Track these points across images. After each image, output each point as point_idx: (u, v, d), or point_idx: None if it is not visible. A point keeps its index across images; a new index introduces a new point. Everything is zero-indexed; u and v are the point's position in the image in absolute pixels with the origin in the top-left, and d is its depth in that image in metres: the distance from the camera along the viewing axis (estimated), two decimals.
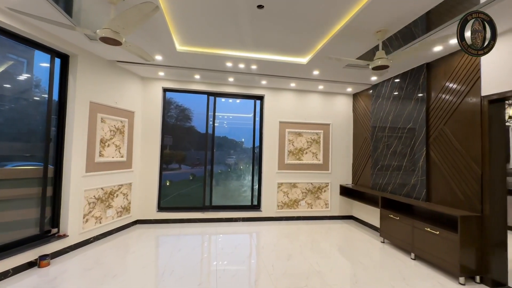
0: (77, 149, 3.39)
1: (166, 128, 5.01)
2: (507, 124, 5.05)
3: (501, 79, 2.62)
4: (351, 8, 2.44)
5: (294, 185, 5.10)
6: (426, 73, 3.52)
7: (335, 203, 5.25)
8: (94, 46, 3.37)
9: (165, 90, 4.89)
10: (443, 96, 3.28)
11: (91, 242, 3.62)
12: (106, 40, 2.19)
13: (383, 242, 3.92)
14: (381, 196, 3.95)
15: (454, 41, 2.87)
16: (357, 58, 3.50)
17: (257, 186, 5.14)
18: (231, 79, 4.66)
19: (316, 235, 4.21)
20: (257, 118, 5.26)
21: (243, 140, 5.53)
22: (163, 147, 4.88)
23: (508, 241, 2.80)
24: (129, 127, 4.34)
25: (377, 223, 4.43)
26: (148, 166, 4.66)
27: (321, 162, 5.20)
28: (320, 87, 4.96)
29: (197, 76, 4.53)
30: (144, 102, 4.69)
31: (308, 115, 5.23)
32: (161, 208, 4.79)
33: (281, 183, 5.05)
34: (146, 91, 4.71)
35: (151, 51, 3.47)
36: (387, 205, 3.92)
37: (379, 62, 2.64)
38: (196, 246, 3.62)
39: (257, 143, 5.22)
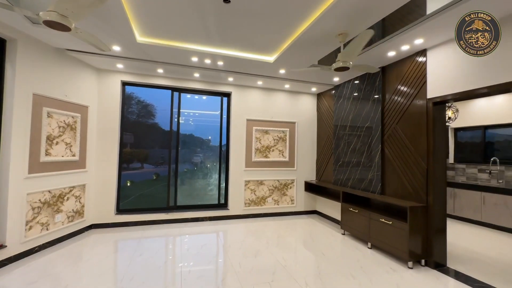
0: (17, 147, 2.98)
1: (127, 125, 4.68)
2: (447, 124, 5.73)
3: (443, 84, 2.94)
4: (315, 10, 2.52)
5: (261, 183, 5.15)
6: (381, 76, 3.81)
7: (300, 199, 5.43)
8: (38, 31, 2.99)
9: (125, 83, 4.56)
10: (396, 98, 3.58)
11: (36, 251, 3.23)
12: (51, 24, 1.94)
13: (344, 234, 4.17)
14: (342, 191, 4.18)
15: (405, 47, 3.15)
16: (320, 59, 3.64)
17: (224, 185, 5.09)
18: (196, 75, 4.51)
19: (282, 231, 4.31)
20: (224, 116, 5.19)
21: (210, 138, 5.41)
22: (122, 145, 4.55)
23: (447, 227, 3.18)
24: (82, 123, 3.95)
25: (338, 217, 4.69)
26: (105, 165, 4.31)
27: (287, 159, 5.33)
28: (287, 86, 5.07)
29: (160, 70, 4.30)
30: (100, 96, 4.31)
31: (275, 113, 5.32)
32: (120, 210, 4.47)
33: (249, 181, 5.06)
34: (103, 84, 4.33)
35: (107, 41, 3.19)
36: (347, 199, 4.17)
37: (340, 64, 2.77)
38: (159, 249, 3.45)
39: (224, 141, 5.16)
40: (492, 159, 5.10)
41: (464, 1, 2.20)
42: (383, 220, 3.32)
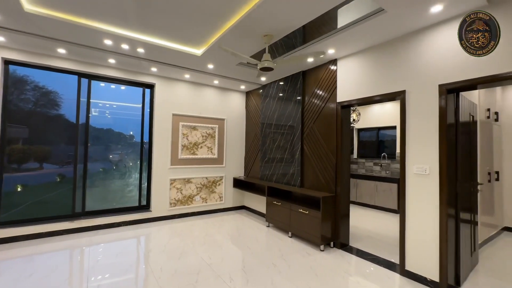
0: None
1: (15, 115, 3.72)
2: (352, 125, 6.77)
3: (349, 90, 3.43)
4: (243, 6, 2.54)
5: (188, 181, 4.94)
6: (302, 80, 4.18)
7: (229, 195, 5.48)
8: None
9: (8, 62, 3.60)
10: (313, 100, 3.98)
11: None
12: None
13: (268, 226, 4.42)
14: (267, 186, 4.42)
15: (321, 55, 3.52)
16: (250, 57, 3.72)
17: (146, 184, 4.65)
18: (112, 61, 3.95)
19: (210, 229, 4.25)
20: (147, 109, 4.73)
21: (131, 133, 4.84)
22: (6, 141, 3.59)
23: (350, 212, 3.75)
24: None
25: (264, 210, 4.94)
26: None
27: (216, 156, 5.28)
28: (216, 81, 5.00)
29: (61, 51, 3.57)
30: None
31: (204, 109, 5.18)
32: (1, 223, 3.53)
33: (174, 179, 4.78)
34: None
35: None
36: (272, 193, 4.43)
37: (265, 64, 2.89)
38: (59, 265, 2.89)
39: (146, 137, 4.71)
40: (382, 154, 6.30)
41: (367, 20, 2.60)
42: (301, 210, 3.67)
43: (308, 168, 4.03)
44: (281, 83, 4.64)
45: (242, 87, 5.38)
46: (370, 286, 2.55)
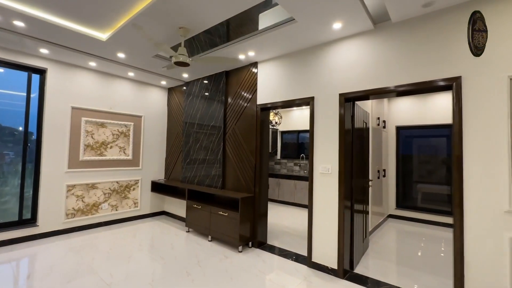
0: None
1: None
2: (275, 127, 7.15)
3: (267, 93, 3.55)
4: None
5: (93, 186, 4.22)
6: (225, 79, 4.12)
7: (146, 201, 4.96)
8: None
9: None
10: (235, 101, 3.98)
11: None
12: None
13: (188, 232, 4.18)
14: (187, 188, 4.17)
15: (242, 57, 3.53)
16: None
17: (31, 193, 3.73)
18: None
19: (120, 240, 3.72)
20: (36, 100, 3.81)
21: (21, 129, 3.79)
22: None
23: (268, 210, 3.89)
24: None
25: (185, 215, 4.66)
26: None
27: (130, 157, 4.69)
28: (131, 74, 4.44)
29: None
30: None
31: (116, 104, 4.54)
32: None
33: (73, 185, 4.00)
34: None
35: None
36: (193, 196, 4.21)
37: (180, 58, 2.69)
38: None
39: (35, 135, 3.79)
40: (301, 155, 6.87)
41: (281, 27, 2.70)
42: (221, 212, 3.59)
43: (229, 169, 4.00)
44: (205, 81, 4.48)
45: (163, 82, 4.97)
46: (280, 281, 2.66)
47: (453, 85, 2.17)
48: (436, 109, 4.99)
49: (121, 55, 3.60)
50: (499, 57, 1.98)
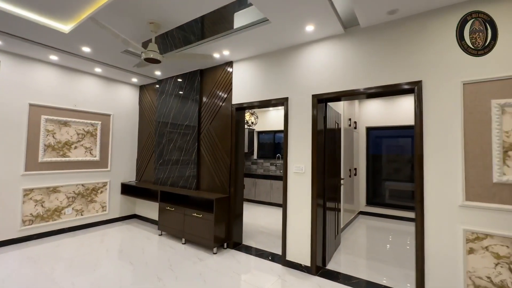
0: None
1: None
2: (252, 127, 7.16)
3: (243, 93, 3.54)
4: None
5: (54, 190, 3.91)
6: (200, 78, 4.04)
7: (115, 204, 4.70)
8: None
9: None
10: (210, 100, 3.91)
11: None
12: None
13: (161, 235, 4.03)
14: (160, 190, 4.02)
15: (217, 55, 3.48)
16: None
17: None
18: None
19: (85, 247, 3.48)
20: None
21: None
22: None
23: (243, 210, 3.87)
24: None
25: (158, 218, 4.48)
26: None
27: (97, 158, 4.41)
28: (98, 70, 4.18)
29: None
30: None
31: (81, 102, 4.24)
32: None
33: (31, 189, 3.67)
34: None
35: None
36: (166, 198, 4.07)
37: (151, 55, 2.58)
38: None
39: None
40: (277, 155, 6.95)
41: (256, 27, 2.70)
42: (195, 214, 3.51)
43: (204, 169, 3.92)
44: (179, 79, 4.35)
45: (135, 80, 4.74)
46: (255, 281, 2.65)
47: (415, 88, 2.32)
48: (403, 111, 5.31)
49: (86, 49, 3.37)
50: (454, 63, 2.15)
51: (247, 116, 6.54)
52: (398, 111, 5.37)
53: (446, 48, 2.19)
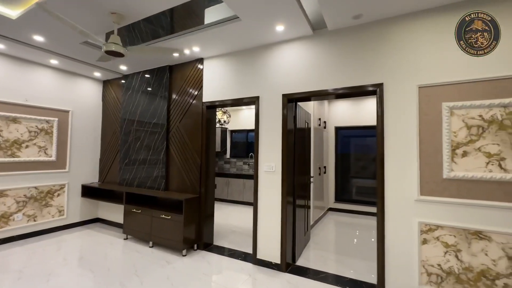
0: None
1: None
2: (224, 126, 7.07)
3: (213, 91, 3.47)
4: None
5: (1, 194, 3.50)
6: (169, 74, 3.88)
7: (75, 208, 4.34)
8: None
9: None
10: (180, 97, 3.78)
11: None
12: None
13: (126, 239, 3.81)
14: (125, 192, 3.80)
15: (187, 51, 3.36)
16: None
17: None
18: None
19: (38, 256, 3.17)
20: None
21: None
22: None
23: (216, 210, 3.81)
24: None
25: (123, 221, 4.24)
26: None
27: (53, 158, 4.04)
28: (54, 61, 3.83)
29: None
30: None
31: (34, 96, 3.85)
32: None
33: None
34: None
35: None
36: (132, 199, 3.85)
37: (112, 47, 2.41)
38: None
39: None
40: (250, 154, 6.96)
41: (226, 24, 2.65)
42: (163, 216, 3.37)
43: (173, 169, 3.78)
44: (147, 75, 4.14)
45: (97, 74, 4.42)
46: (225, 282, 2.62)
47: (377, 90, 2.45)
48: (369, 111, 5.60)
49: (38, 38, 3.06)
50: (410, 67, 2.31)
51: (220, 114, 6.45)
52: (365, 112, 5.66)
53: (406, 52, 2.34)
